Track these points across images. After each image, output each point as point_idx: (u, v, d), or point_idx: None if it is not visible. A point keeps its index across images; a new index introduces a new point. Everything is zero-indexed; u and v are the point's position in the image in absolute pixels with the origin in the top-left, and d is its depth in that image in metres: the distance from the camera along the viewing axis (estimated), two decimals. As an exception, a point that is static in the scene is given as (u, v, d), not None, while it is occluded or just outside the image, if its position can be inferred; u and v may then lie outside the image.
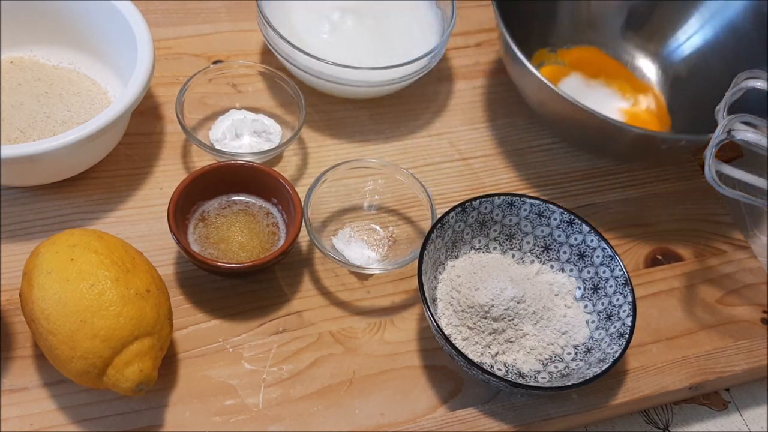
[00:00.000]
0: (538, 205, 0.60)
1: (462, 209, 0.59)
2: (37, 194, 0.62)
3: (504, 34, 0.64)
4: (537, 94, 0.66)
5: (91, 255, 0.50)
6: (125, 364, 0.48)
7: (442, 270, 0.60)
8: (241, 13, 0.77)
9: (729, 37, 0.74)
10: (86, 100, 0.65)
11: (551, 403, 0.57)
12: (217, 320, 0.58)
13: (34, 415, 0.52)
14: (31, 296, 0.49)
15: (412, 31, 0.73)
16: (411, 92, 0.74)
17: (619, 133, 0.62)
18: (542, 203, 0.60)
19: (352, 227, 0.64)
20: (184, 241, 0.57)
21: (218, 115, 0.68)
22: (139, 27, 0.62)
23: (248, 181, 0.61)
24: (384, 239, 0.64)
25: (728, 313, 0.65)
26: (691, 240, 0.69)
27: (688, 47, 0.77)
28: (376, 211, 0.65)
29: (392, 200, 0.65)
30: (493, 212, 0.60)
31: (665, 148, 0.65)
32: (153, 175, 0.65)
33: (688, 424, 0.63)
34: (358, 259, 0.61)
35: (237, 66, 0.70)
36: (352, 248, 0.62)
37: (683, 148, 0.66)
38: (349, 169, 0.63)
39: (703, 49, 0.76)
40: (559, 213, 0.60)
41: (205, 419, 0.54)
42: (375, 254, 0.62)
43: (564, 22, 0.78)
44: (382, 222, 0.65)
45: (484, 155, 0.71)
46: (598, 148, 0.70)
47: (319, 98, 0.71)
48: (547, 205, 0.60)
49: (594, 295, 0.59)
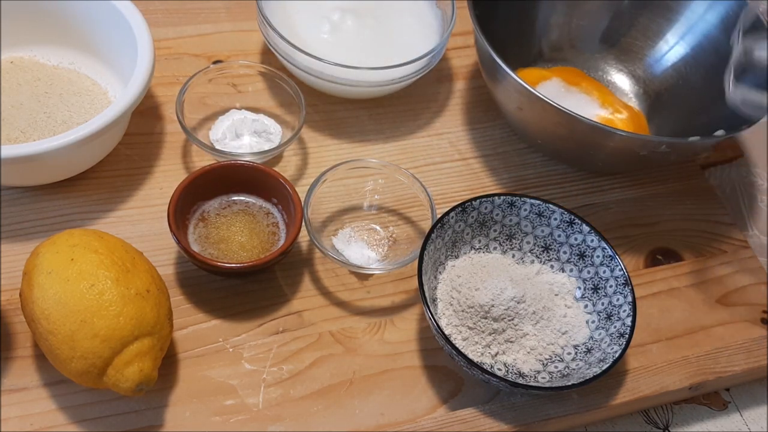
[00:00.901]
0: (539, 205, 0.60)
1: (462, 209, 0.59)
2: (37, 194, 0.62)
3: (480, 39, 0.63)
4: (515, 98, 0.64)
5: (92, 255, 0.50)
6: (125, 364, 0.48)
7: (443, 270, 0.60)
8: (241, 13, 0.77)
9: (707, 51, 0.73)
10: (86, 100, 0.65)
11: (551, 403, 0.57)
12: (217, 320, 0.58)
13: (34, 415, 0.52)
14: (31, 296, 0.49)
15: (412, 31, 0.73)
16: (411, 92, 0.74)
17: (601, 137, 0.61)
18: (542, 203, 0.60)
19: (352, 227, 0.64)
20: (184, 241, 0.57)
21: (218, 115, 0.68)
22: (139, 27, 0.62)
23: (248, 181, 0.61)
24: (384, 239, 0.64)
25: (728, 313, 0.65)
26: (691, 240, 0.69)
27: (666, 63, 0.76)
28: (376, 211, 0.65)
29: (392, 200, 0.65)
30: (494, 212, 0.61)
31: (644, 154, 0.63)
32: (153, 175, 0.65)
33: (688, 424, 0.63)
34: (358, 259, 0.61)
35: (237, 66, 0.70)
36: (352, 248, 0.62)
37: (663, 155, 0.63)
38: (349, 169, 0.63)
39: (681, 65, 0.75)
40: (559, 213, 0.60)
41: (205, 419, 0.54)
42: (375, 254, 0.62)
43: (542, 42, 0.78)
44: (382, 222, 0.65)
45: (484, 155, 0.71)
46: (576, 156, 0.68)
47: (319, 98, 0.71)
48: (547, 205, 0.60)
49: (594, 295, 0.59)
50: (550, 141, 0.67)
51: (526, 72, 0.74)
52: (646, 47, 0.77)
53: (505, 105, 0.67)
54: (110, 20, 0.64)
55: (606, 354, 0.55)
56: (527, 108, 0.63)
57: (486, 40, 0.62)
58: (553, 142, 0.67)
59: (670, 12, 0.75)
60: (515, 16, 0.74)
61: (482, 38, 0.63)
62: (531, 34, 0.77)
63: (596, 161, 0.67)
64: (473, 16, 0.64)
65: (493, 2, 0.69)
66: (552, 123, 0.62)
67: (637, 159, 0.64)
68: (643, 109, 0.76)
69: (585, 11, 0.78)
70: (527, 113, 0.64)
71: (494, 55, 0.61)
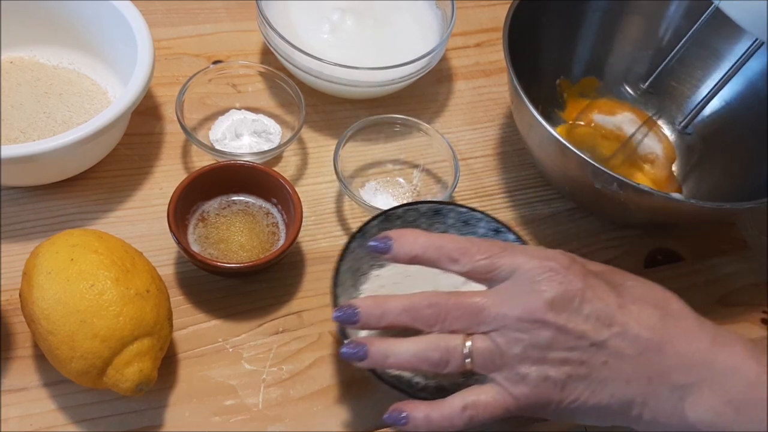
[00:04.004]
0: (464, 213, 0.58)
1: (385, 217, 0.57)
2: (37, 194, 0.62)
3: (513, 80, 0.60)
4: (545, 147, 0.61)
5: (91, 255, 0.50)
6: (125, 364, 0.48)
7: (365, 280, 0.57)
8: (241, 13, 0.77)
9: (750, 100, 0.68)
10: (86, 100, 0.65)
11: (551, 403, 0.57)
12: (217, 320, 0.58)
13: (34, 415, 0.52)
14: (31, 296, 0.49)
15: (412, 31, 0.73)
16: (411, 92, 0.73)
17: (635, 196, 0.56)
18: (468, 211, 0.58)
19: (378, 181, 0.67)
20: (183, 241, 0.57)
21: (218, 115, 0.68)
22: (139, 27, 0.62)
23: (248, 181, 0.61)
24: (408, 192, 0.66)
25: (728, 313, 0.65)
26: (691, 240, 0.69)
27: (704, 113, 0.70)
28: (401, 166, 0.68)
29: (415, 154, 0.67)
30: (419, 220, 0.58)
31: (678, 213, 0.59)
32: (153, 175, 0.65)
33: (688, 424, 0.63)
34: None
35: (237, 66, 0.70)
36: (378, 200, 0.65)
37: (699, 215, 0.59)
38: (372, 125, 0.66)
39: (719, 115, 0.70)
40: (485, 222, 0.58)
41: (205, 419, 0.54)
42: None
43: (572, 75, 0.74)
44: (405, 176, 0.67)
45: (484, 155, 0.71)
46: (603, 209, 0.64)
47: (319, 98, 0.71)
48: (472, 214, 0.58)
49: None
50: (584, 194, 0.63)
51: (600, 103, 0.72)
52: (684, 93, 0.73)
53: (535, 152, 0.64)
54: (110, 20, 0.64)
55: None
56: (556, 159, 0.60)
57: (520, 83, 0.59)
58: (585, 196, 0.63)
59: (712, 55, 0.71)
60: (554, 53, 0.72)
61: (520, 92, 0.59)
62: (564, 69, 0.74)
63: (629, 218, 0.64)
64: (507, 58, 0.61)
65: (529, 38, 0.66)
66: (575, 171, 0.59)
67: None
68: (679, 162, 0.72)
69: (621, 51, 0.74)
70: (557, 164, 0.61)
71: (537, 116, 0.58)
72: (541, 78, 0.71)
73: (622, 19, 0.73)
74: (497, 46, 0.79)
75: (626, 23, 0.73)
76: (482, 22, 0.81)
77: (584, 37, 0.74)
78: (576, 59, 0.74)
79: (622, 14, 0.73)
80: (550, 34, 0.71)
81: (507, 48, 0.61)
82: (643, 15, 0.73)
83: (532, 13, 0.66)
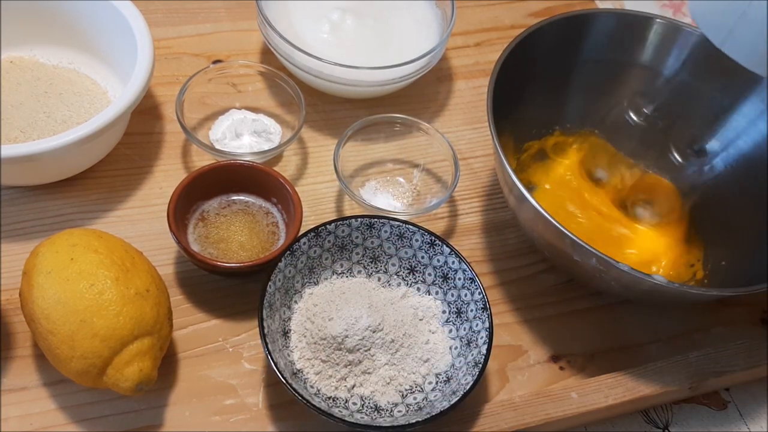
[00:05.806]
0: (398, 226, 0.58)
1: (315, 234, 0.56)
2: (37, 194, 0.62)
3: (500, 155, 0.55)
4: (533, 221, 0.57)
5: (91, 255, 0.50)
6: (125, 363, 0.48)
7: (299, 299, 0.57)
8: (241, 13, 0.77)
9: (756, 165, 0.62)
10: (86, 100, 0.65)
11: (551, 403, 0.57)
12: (217, 320, 0.58)
13: (34, 415, 0.52)
14: (31, 296, 0.49)
15: (412, 31, 0.73)
16: (411, 92, 0.74)
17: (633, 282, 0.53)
18: (402, 224, 0.58)
19: (378, 180, 0.67)
20: (183, 240, 0.57)
21: (218, 115, 0.68)
22: (139, 27, 0.62)
23: (248, 181, 0.61)
24: (408, 191, 0.66)
25: (728, 313, 0.65)
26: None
27: (714, 167, 0.66)
28: (401, 165, 0.68)
29: (416, 154, 0.68)
30: (352, 235, 0.58)
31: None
32: (153, 174, 0.65)
33: (688, 424, 0.63)
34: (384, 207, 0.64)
35: (237, 66, 0.70)
36: (378, 199, 0.65)
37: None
38: (372, 125, 0.66)
39: (729, 171, 0.65)
40: (419, 234, 0.58)
41: (205, 419, 0.54)
42: (400, 204, 0.65)
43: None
44: (405, 175, 0.67)
45: (484, 155, 0.71)
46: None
47: (319, 98, 0.71)
48: (407, 227, 0.58)
49: (458, 319, 0.57)
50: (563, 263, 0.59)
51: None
52: (686, 150, 0.67)
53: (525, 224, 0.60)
54: (110, 20, 0.64)
55: (460, 385, 0.52)
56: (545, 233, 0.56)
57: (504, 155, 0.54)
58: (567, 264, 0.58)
59: (717, 114, 0.65)
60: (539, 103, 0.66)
61: (503, 158, 0.55)
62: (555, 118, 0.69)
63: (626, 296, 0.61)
64: (491, 121, 0.56)
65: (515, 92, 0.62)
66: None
67: None
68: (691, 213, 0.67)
69: (614, 105, 0.68)
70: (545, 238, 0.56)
71: (515, 180, 0.54)
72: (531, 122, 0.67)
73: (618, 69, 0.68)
74: (497, 45, 0.79)
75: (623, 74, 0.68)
76: (482, 21, 0.81)
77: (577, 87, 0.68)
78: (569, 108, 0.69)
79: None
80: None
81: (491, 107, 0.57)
82: (642, 67, 0.67)
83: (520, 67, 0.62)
